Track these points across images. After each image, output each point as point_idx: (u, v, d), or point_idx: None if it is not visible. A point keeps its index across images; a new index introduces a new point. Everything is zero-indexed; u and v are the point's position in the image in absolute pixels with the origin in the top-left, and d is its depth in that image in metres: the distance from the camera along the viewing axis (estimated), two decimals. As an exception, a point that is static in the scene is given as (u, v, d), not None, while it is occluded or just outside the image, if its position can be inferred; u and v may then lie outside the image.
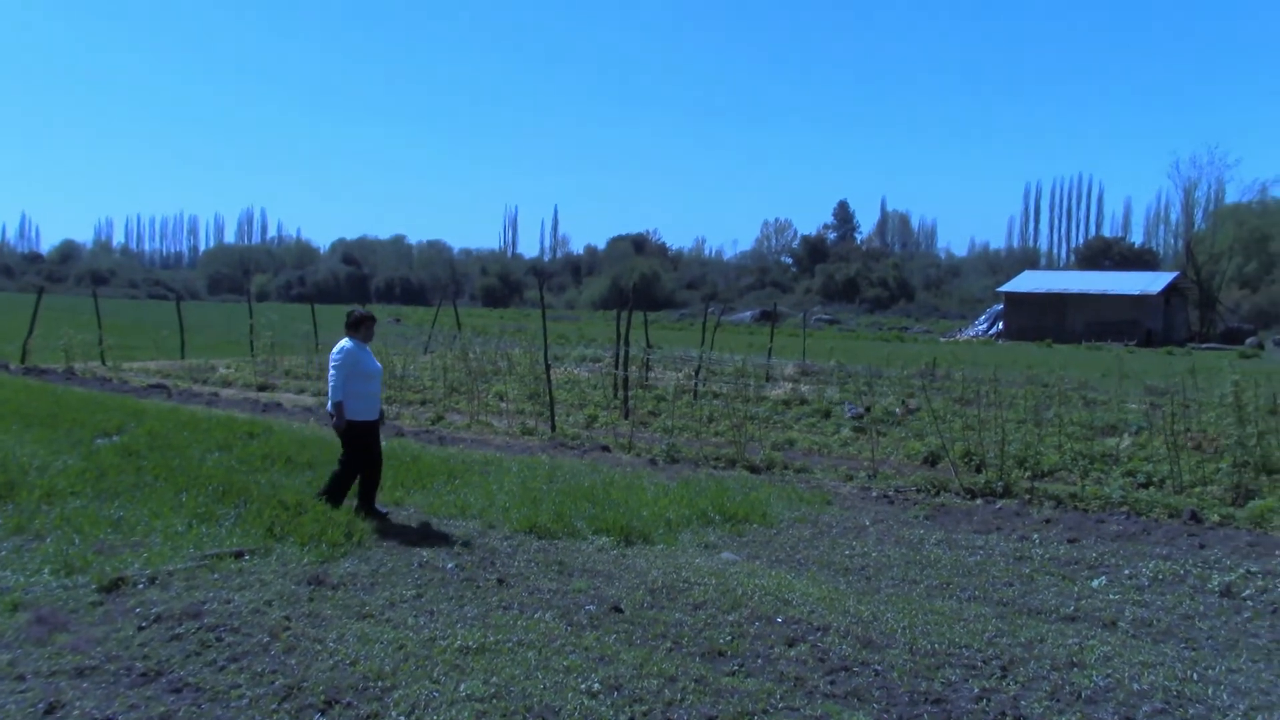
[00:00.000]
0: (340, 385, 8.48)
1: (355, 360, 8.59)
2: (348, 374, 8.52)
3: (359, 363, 8.61)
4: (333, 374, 8.51)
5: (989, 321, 65.66)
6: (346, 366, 8.52)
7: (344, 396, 8.49)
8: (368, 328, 8.87)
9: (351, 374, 8.53)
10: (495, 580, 6.98)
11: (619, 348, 18.26)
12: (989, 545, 8.57)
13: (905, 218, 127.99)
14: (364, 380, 8.62)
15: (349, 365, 8.53)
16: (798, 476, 11.64)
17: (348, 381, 8.51)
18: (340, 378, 8.49)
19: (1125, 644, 6.08)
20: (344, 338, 8.78)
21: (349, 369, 8.53)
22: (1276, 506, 9.66)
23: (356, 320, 8.83)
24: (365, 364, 8.67)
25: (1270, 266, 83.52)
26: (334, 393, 8.48)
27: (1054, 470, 11.85)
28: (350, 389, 8.52)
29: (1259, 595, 7.21)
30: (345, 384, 8.49)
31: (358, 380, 8.56)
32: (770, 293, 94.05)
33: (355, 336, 8.75)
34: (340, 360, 8.53)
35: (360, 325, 8.81)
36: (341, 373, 8.50)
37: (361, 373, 8.60)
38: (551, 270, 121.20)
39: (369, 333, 8.90)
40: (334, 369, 8.51)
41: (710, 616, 6.31)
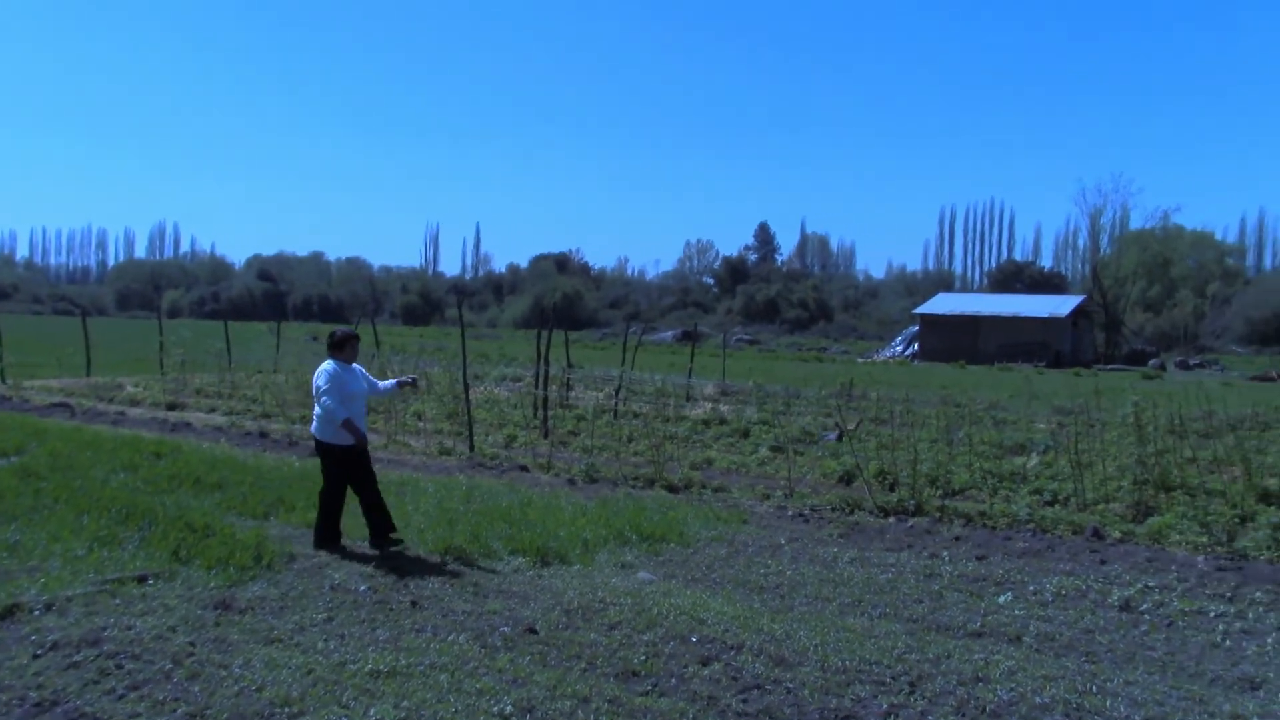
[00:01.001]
0: (339, 404, 8.23)
1: (342, 381, 8.36)
2: (339, 396, 8.28)
3: (345, 383, 8.38)
4: (325, 398, 8.24)
5: (905, 342, 66.91)
6: (335, 388, 8.28)
7: (325, 419, 8.28)
8: (352, 348, 8.63)
9: (340, 396, 8.30)
10: (409, 602, 6.90)
11: (539, 367, 18.21)
12: (900, 563, 8.72)
13: (825, 240, 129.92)
14: (351, 402, 8.39)
15: (337, 386, 8.30)
16: (715, 496, 11.72)
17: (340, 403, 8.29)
18: (335, 395, 8.25)
19: (1029, 658, 6.23)
20: (327, 360, 8.52)
21: (337, 390, 8.29)
22: (1174, 523, 9.99)
23: (340, 340, 8.60)
24: (350, 385, 8.45)
25: (1172, 290, 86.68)
26: (336, 412, 8.20)
27: (964, 489, 12.10)
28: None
29: (1155, 609, 7.46)
30: (341, 405, 8.25)
31: (344, 403, 8.31)
32: (692, 313, 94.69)
33: (339, 357, 8.51)
34: (328, 384, 8.29)
35: (344, 345, 8.57)
36: (333, 395, 8.25)
37: (348, 394, 8.37)
38: (473, 288, 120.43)
39: (353, 353, 8.66)
40: (325, 392, 8.26)
41: (625, 636, 6.31)
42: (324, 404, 8.26)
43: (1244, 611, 7.43)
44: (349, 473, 8.41)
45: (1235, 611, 7.42)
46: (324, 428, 8.35)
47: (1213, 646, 6.64)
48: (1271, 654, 6.48)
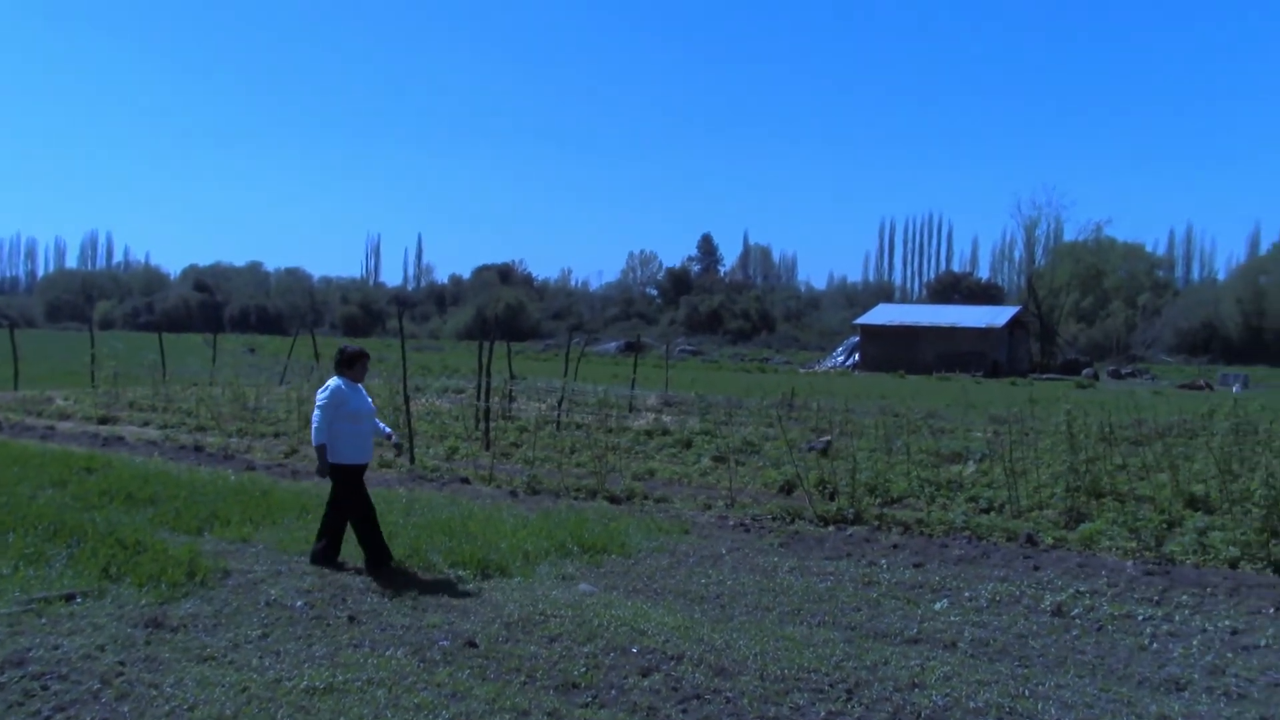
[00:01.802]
0: (324, 426, 8.04)
1: (343, 400, 8.13)
2: (333, 414, 8.07)
3: (347, 402, 8.16)
4: (317, 414, 8.08)
5: (846, 353, 67.64)
6: (332, 406, 8.07)
7: (330, 438, 8.06)
8: (361, 366, 8.46)
9: (338, 414, 8.09)
10: (346, 617, 6.82)
11: (481, 378, 18.13)
12: (839, 571, 8.80)
13: (767, 251, 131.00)
14: (353, 421, 8.18)
15: (335, 405, 8.08)
16: (657, 506, 11.74)
17: (335, 422, 8.07)
18: (324, 418, 8.05)
19: (964, 664, 6.32)
20: (333, 376, 8.36)
21: (334, 409, 8.07)
22: (1104, 529, 10.22)
23: (350, 358, 8.42)
24: (355, 404, 8.23)
25: (1104, 301, 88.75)
26: (316, 434, 8.04)
27: (903, 497, 12.26)
28: (338, 430, 8.09)
29: (1086, 614, 7.61)
30: (331, 425, 8.06)
31: (346, 421, 8.13)
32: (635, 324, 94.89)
33: (347, 375, 8.33)
34: (326, 400, 8.09)
35: (354, 363, 8.39)
36: (326, 413, 8.05)
37: (350, 413, 8.16)
38: (415, 299, 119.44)
39: (362, 371, 8.47)
40: (318, 409, 8.09)
41: (566, 649, 6.30)
42: (313, 420, 8.10)
43: (1170, 615, 7.62)
44: (353, 494, 8.22)
45: (1162, 615, 7.61)
46: (332, 446, 8.15)
47: (1140, 649, 6.79)
48: (1196, 656, 6.65)
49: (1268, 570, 8.95)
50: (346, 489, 8.20)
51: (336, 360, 8.47)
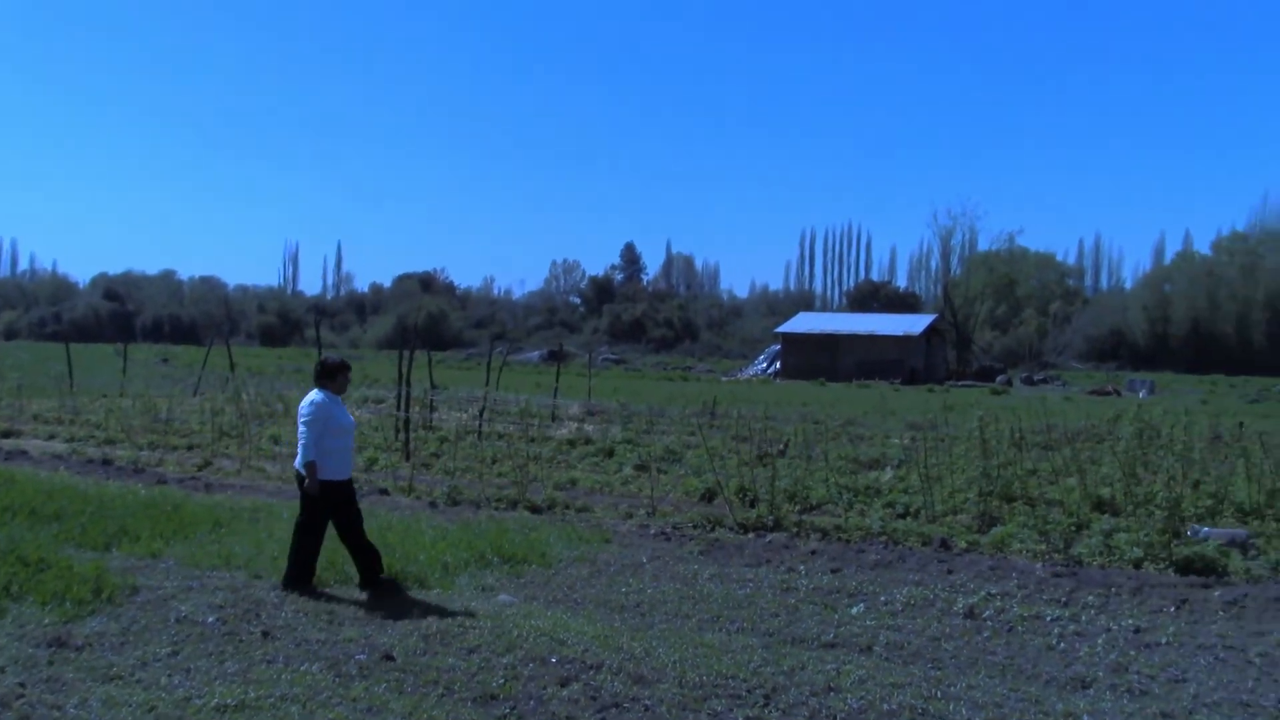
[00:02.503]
0: (312, 444, 7.72)
1: (328, 414, 7.82)
2: (321, 430, 7.76)
3: (332, 417, 7.83)
4: (303, 431, 7.75)
5: (768, 361, 68.29)
6: (319, 422, 7.75)
7: (317, 455, 7.76)
8: (343, 378, 8.15)
9: (324, 430, 7.78)
10: (260, 633, 6.68)
11: (401, 388, 17.93)
12: (759, 578, 8.89)
13: (690, 260, 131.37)
14: (337, 436, 7.88)
15: (322, 420, 7.77)
16: (579, 516, 11.73)
17: (321, 438, 7.76)
18: (312, 434, 7.72)
19: (879, 667, 6.44)
20: (313, 389, 8.05)
21: (322, 424, 7.77)
22: (1015, 532, 10.48)
23: (331, 370, 8.09)
24: (338, 418, 7.92)
25: (1018, 309, 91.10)
26: (305, 451, 7.73)
27: (822, 504, 12.42)
28: (325, 445, 7.77)
29: (997, 616, 7.80)
30: (319, 441, 7.78)
31: (330, 437, 7.80)
32: (558, 332, 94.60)
33: (328, 388, 8.01)
34: (311, 415, 7.76)
35: (335, 375, 8.07)
36: (314, 429, 7.73)
37: (335, 428, 7.85)
38: (335, 308, 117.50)
39: (343, 384, 8.17)
40: (304, 425, 7.75)
41: (484, 660, 6.26)
42: (300, 437, 7.81)
43: (1077, 615, 7.85)
44: (334, 513, 7.93)
45: (1069, 615, 7.83)
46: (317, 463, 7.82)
47: (1049, 649, 6.99)
48: (1101, 654, 6.86)
49: (1169, 570, 9.26)
50: (325, 508, 7.87)
51: (317, 372, 8.15)
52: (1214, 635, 7.36)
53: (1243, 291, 78.89)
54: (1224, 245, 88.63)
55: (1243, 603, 8.24)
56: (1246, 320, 78.25)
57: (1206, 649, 7.04)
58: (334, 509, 7.90)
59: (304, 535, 7.90)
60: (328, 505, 7.85)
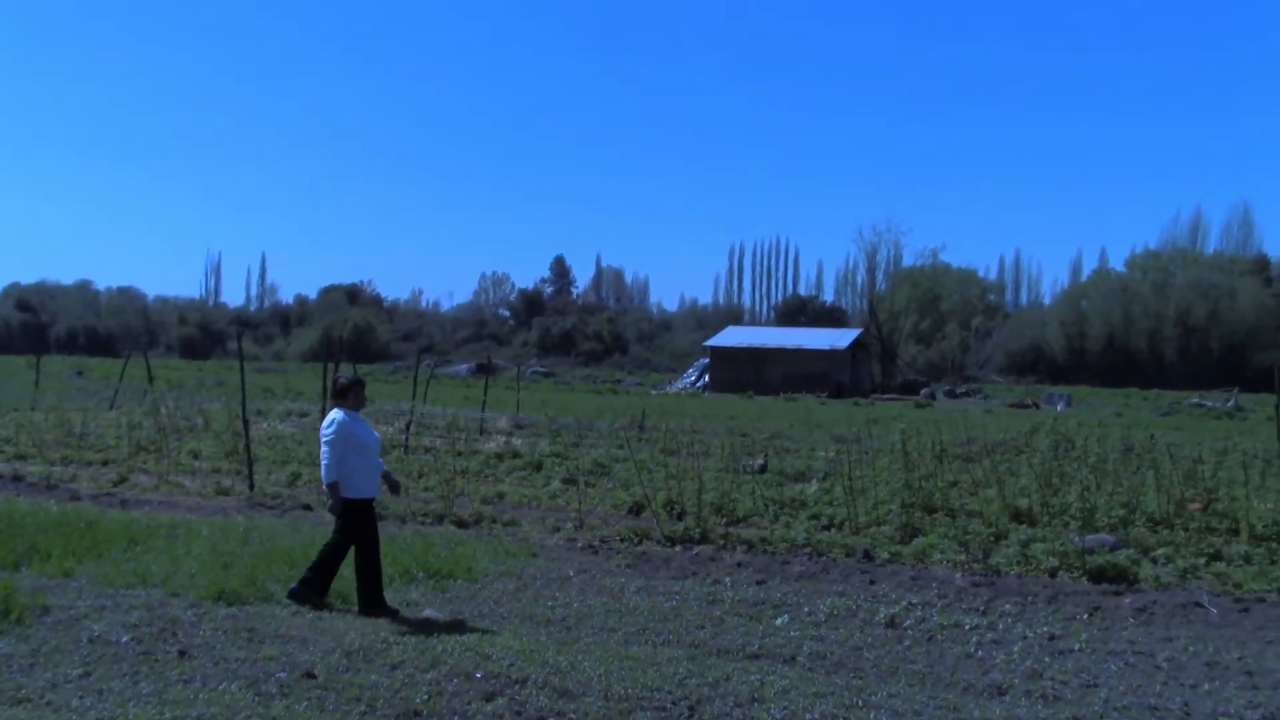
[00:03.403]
0: (335, 463, 7.73)
1: (349, 432, 7.84)
2: (343, 449, 7.77)
3: (353, 435, 7.86)
4: (325, 450, 7.79)
5: (697, 374, 68.63)
6: (341, 440, 7.77)
7: (340, 474, 7.75)
8: (357, 394, 8.13)
9: (347, 449, 7.79)
10: (176, 652, 6.54)
11: (325, 402, 17.67)
12: (685, 590, 8.94)
13: (620, 273, 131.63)
14: (360, 453, 7.88)
15: (343, 438, 7.78)
16: (506, 530, 11.68)
17: (344, 457, 7.78)
18: (334, 454, 7.74)
19: (802, 677, 6.52)
20: (333, 408, 8.05)
21: (344, 442, 7.78)
22: (936, 542, 10.68)
23: (344, 387, 8.11)
24: (360, 435, 7.93)
25: (941, 324, 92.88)
26: (327, 472, 7.77)
27: (748, 516, 12.53)
28: (348, 464, 7.79)
29: (918, 625, 7.95)
30: (342, 460, 7.76)
31: (353, 454, 7.82)
32: (487, 345, 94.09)
33: (345, 405, 8.01)
34: (333, 434, 7.77)
35: (347, 393, 8.06)
36: (336, 448, 7.74)
37: (357, 445, 7.86)
38: (258, 320, 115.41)
39: (359, 399, 8.15)
40: (326, 445, 7.79)
41: (408, 676, 6.20)
42: (322, 456, 7.86)
43: (995, 623, 8.03)
44: (364, 530, 7.95)
45: (987, 624, 8.01)
46: (341, 481, 7.84)
47: (967, 657, 7.14)
48: (1017, 661, 7.03)
49: (1083, 578, 9.52)
50: (356, 524, 7.90)
51: (333, 391, 8.24)
52: (1124, 641, 7.59)
53: (1155, 308, 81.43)
54: (1138, 262, 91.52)
55: (1151, 609, 8.52)
56: (1159, 336, 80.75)
57: (1117, 654, 7.25)
58: (365, 524, 7.97)
59: (334, 558, 7.99)
60: (362, 522, 7.92)
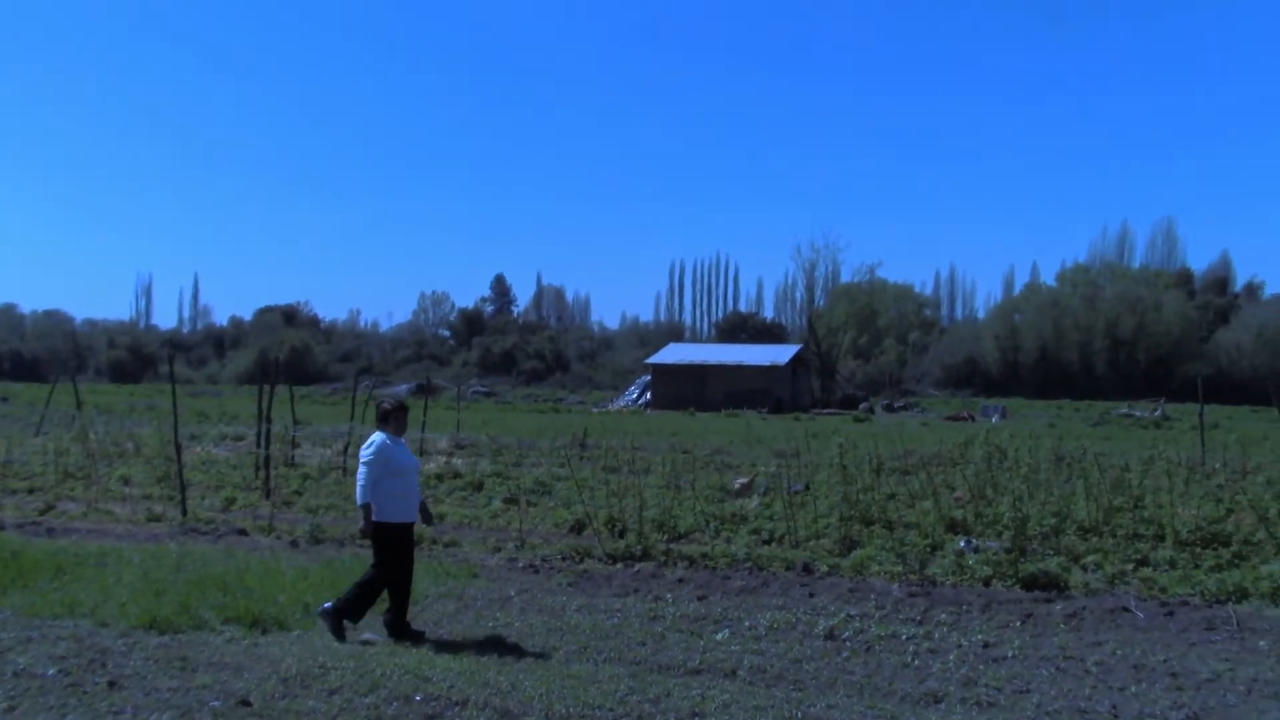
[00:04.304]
0: (370, 484, 7.74)
1: (389, 456, 7.87)
2: (380, 471, 7.78)
3: (393, 458, 7.88)
4: (362, 472, 7.78)
5: (639, 391, 68.73)
6: (379, 463, 7.79)
7: (377, 497, 7.75)
8: (399, 419, 8.18)
9: (385, 472, 7.80)
10: (106, 683, 6.40)
11: (261, 425, 17.43)
12: (626, 607, 8.95)
13: (560, 292, 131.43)
14: (399, 478, 7.89)
15: (382, 461, 7.81)
16: (446, 551, 11.60)
17: (380, 480, 7.78)
18: (370, 475, 7.75)
19: (743, 691, 6.56)
20: (375, 431, 8.08)
21: (382, 465, 7.79)
22: (874, 554, 10.82)
23: (387, 411, 8.13)
24: (399, 459, 7.95)
25: (878, 339, 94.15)
26: (362, 494, 7.75)
27: (690, 532, 12.58)
28: (385, 487, 7.79)
29: (856, 636, 8.05)
30: (378, 483, 7.76)
31: (391, 479, 7.83)
32: (427, 365, 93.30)
33: (387, 429, 8.05)
34: (372, 457, 7.80)
35: (388, 418, 8.08)
36: (373, 470, 7.76)
37: (396, 469, 7.88)
38: (191, 342, 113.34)
39: (401, 425, 8.21)
40: (364, 466, 7.79)
41: (346, 701, 6.14)
42: (358, 478, 7.83)
43: (931, 633, 8.16)
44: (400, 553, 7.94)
45: (924, 633, 8.13)
46: (378, 505, 7.82)
47: (904, 666, 7.24)
48: (952, 669, 7.15)
49: (1016, 586, 9.71)
50: (393, 549, 7.90)
51: (377, 415, 8.24)
52: (1055, 647, 7.75)
53: (1085, 320, 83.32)
54: (1067, 276, 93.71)
55: (1082, 615, 8.71)
56: (1089, 348, 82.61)
57: (1049, 660, 7.40)
58: (401, 548, 7.96)
59: (376, 582, 7.94)
60: (397, 546, 7.92)
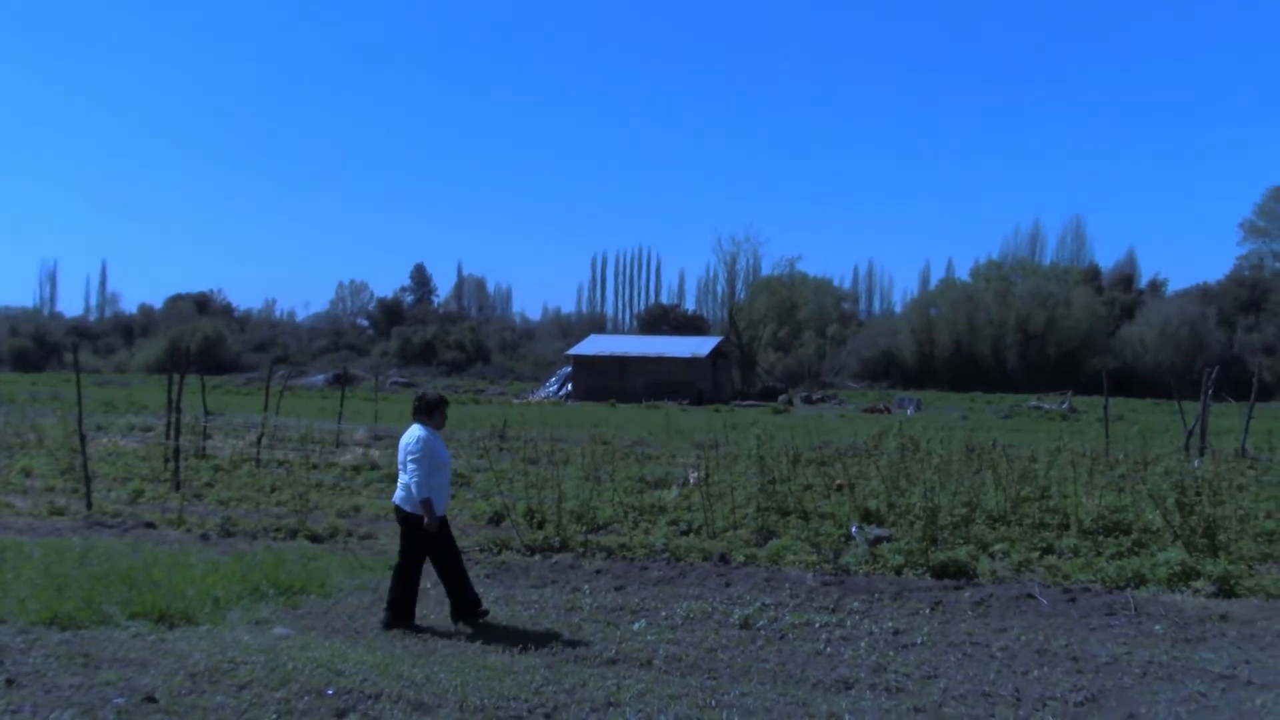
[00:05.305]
0: (425, 480, 7.76)
1: (434, 450, 7.91)
2: (429, 467, 7.81)
3: (436, 453, 7.92)
4: (413, 469, 7.80)
5: (559, 383, 68.54)
6: (428, 459, 7.81)
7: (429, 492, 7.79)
8: (441, 413, 8.20)
9: (432, 466, 7.84)
10: (3, 681, 6.20)
11: (171, 415, 17.01)
12: (544, 598, 8.95)
13: (482, 282, 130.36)
14: (440, 471, 7.94)
15: (428, 456, 7.82)
16: (362, 544, 11.47)
17: (428, 475, 7.81)
18: (424, 471, 7.77)
19: (658, 680, 6.62)
20: (414, 425, 8.07)
21: (429, 462, 7.81)
22: (790, 544, 10.97)
23: (430, 405, 8.15)
24: (440, 453, 8.00)
25: (798, 332, 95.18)
26: (420, 489, 7.75)
27: (608, 523, 12.62)
28: (429, 483, 7.82)
29: (770, 625, 8.16)
30: (429, 477, 7.79)
31: (436, 472, 7.89)
32: (345, 355, 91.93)
33: (429, 423, 8.06)
34: (421, 451, 7.82)
35: (433, 411, 8.07)
36: (424, 465, 7.78)
37: (438, 463, 7.93)
38: (99, 331, 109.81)
39: (442, 419, 8.23)
40: (414, 461, 7.81)
41: (256, 696, 6.04)
42: (411, 474, 7.74)
43: (843, 620, 8.31)
44: (432, 547, 7.89)
45: (836, 621, 8.28)
46: (410, 497, 7.78)
47: (817, 654, 7.37)
48: (864, 656, 7.30)
49: (926, 575, 9.94)
50: (426, 541, 7.87)
51: (416, 408, 8.19)
52: (963, 633, 7.96)
53: (998, 315, 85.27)
54: (981, 272, 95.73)
55: (989, 602, 8.95)
56: (1001, 342, 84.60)
57: (956, 646, 7.60)
58: (433, 543, 7.94)
59: (406, 576, 7.95)
60: (429, 542, 7.90)
